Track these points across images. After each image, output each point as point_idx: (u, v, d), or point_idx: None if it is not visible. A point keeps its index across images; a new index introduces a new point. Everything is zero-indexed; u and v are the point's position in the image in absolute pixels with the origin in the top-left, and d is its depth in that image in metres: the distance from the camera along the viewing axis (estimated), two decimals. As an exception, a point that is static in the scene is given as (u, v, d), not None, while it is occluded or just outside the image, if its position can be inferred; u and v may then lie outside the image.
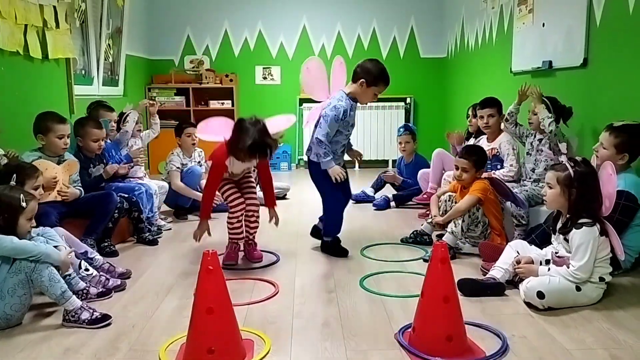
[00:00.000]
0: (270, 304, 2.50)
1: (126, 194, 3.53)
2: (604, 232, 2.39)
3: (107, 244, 3.28)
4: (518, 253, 2.62)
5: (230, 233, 3.14)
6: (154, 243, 3.52)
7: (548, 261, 2.53)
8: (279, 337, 2.15)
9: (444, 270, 1.97)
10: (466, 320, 2.07)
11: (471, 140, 4.27)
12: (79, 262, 2.60)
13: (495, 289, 2.54)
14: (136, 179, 3.94)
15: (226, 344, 1.92)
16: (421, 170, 4.63)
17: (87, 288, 2.50)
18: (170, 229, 3.94)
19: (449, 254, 2.03)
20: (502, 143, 3.82)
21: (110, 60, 5.39)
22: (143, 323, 2.29)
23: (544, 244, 2.72)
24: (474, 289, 2.54)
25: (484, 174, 3.41)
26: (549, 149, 3.37)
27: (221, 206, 3.61)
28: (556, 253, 2.51)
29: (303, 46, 7.07)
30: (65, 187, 3.14)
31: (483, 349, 2.00)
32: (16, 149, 3.00)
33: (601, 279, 2.41)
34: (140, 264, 3.12)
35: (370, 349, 2.04)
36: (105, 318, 2.26)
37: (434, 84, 7.13)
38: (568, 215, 2.46)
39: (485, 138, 4.01)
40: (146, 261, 3.18)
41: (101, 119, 3.62)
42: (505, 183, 3.29)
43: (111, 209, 3.30)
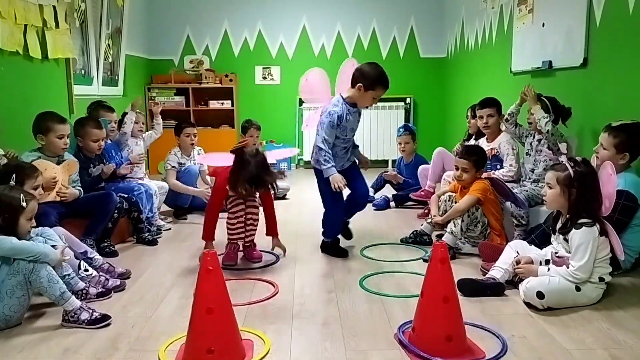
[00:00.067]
0: (270, 304, 2.50)
1: (126, 194, 3.53)
2: (603, 232, 2.39)
3: (107, 244, 3.29)
4: (518, 253, 2.62)
5: (230, 233, 3.14)
6: (153, 243, 3.52)
7: (548, 261, 2.53)
8: (279, 337, 2.15)
9: (444, 271, 1.97)
10: (466, 321, 2.07)
11: (471, 141, 4.27)
12: (78, 263, 2.60)
13: (495, 289, 2.55)
14: (136, 179, 3.95)
15: (226, 344, 1.92)
16: (422, 166, 4.62)
17: (87, 288, 2.50)
18: (169, 229, 3.94)
19: (448, 254, 2.03)
20: (502, 143, 3.82)
21: (110, 60, 5.39)
22: (143, 323, 2.29)
23: (543, 244, 2.72)
24: (473, 289, 2.54)
25: (484, 174, 3.41)
26: (548, 149, 3.38)
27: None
28: (556, 253, 2.51)
29: (303, 46, 7.07)
30: (64, 188, 3.13)
31: (483, 349, 2.00)
32: (16, 149, 3.00)
33: (601, 279, 2.41)
34: (140, 264, 3.12)
35: (370, 349, 2.04)
36: (105, 318, 2.26)
37: (434, 84, 7.13)
38: (568, 216, 2.46)
39: (484, 138, 4.01)
40: (146, 261, 3.18)
41: (101, 119, 3.62)
42: (505, 183, 3.29)
43: (111, 209, 3.30)
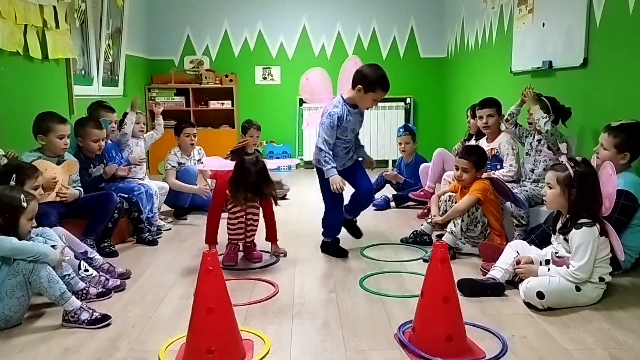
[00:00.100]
0: (270, 304, 2.50)
1: (126, 194, 3.53)
2: (603, 232, 2.39)
3: (107, 244, 3.29)
4: (518, 253, 2.62)
5: (230, 234, 3.14)
6: (153, 243, 3.52)
7: (548, 261, 2.53)
8: (279, 337, 2.15)
9: (444, 271, 1.97)
10: (466, 321, 2.07)
11: (471, 141, 4.27)
12: (78, 263, 2.60)
13: (495, 289, 2.54)
14: (136, 180, 3.95)
15: (226, 344, 1.92)
16: (423, 164, 4.59)
17: (87, 288, 2.50)
18: (170, 229, 3.94)
19: (448, 254, 2.03)
20: (502, 143, 3.82)
21: (110, 60, 5.39)
22: (143, 323, 2.29)
23: (543, 244, 2.72)
24: (473, 289, 2.54)
25: (484, 174, 3.41)
26: (548, 149, 3.38)
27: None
28: (556, 253, 2.51)
29: (303, 46, 7.07)
30: (64, 188, 3.13)
31: (483, 349, 2.00)
32: (16, 149, 3.00)
33: (601, 279, 2.41)
34: (140, 264, 3.12)
35: (370, 349, 2.04)
36: (105, 318, 2.26)
37: (434, 84, 7.13)
38: (568, 216, 2.46)
39: (484, 138, 4.01)
40: (146, 261, 3.18)
41: (101, 119, 3.62)
42: (505, 183, 3.29)
43: (111, 209, 3.30)
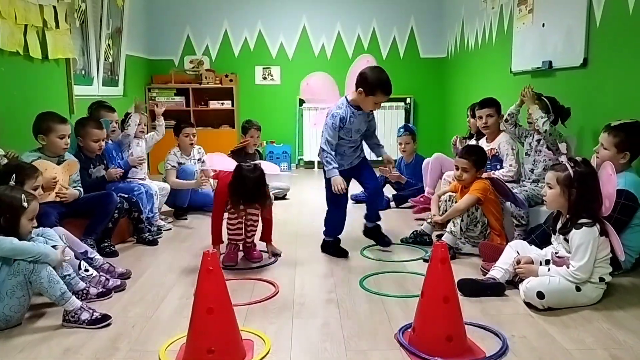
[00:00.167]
0: (270, 304, 2.50)
1: (126, 194, 3.53)
2: (604, 232, 2.39)
3: (107, 244, 3.29)
4: (518, 253, 2.62)
5: (230, 234, 3.14)
6: (153, 243, 3.52)
7: (548, 261, 2.53)
8: (279, 337, 2.15)
9: (444, 271, 1.97)
10: (466, 321, 2.07)
11: (472, 140, 4.27)
12: (78, 263, 2.60)
13: (495, 289, 2.55)
14: (137, 180, 3.94)
15: (226, 344, 1.92)
16: (426, 160, 4.54)
17: (87, 288, 2.50)
18: (170, 229, 3.94)
19: (448, 254, 2.03)
20: (501, 143, 3.82)
21: (110, 60, 5.39)
22: (143, 323, 2.29)
23: (544, 244, 2.72)
24: (474, 289, 2.54)
25: (484, 174, 3.41)
26: (548, 149, 3.38)
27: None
28: (556, 253, 2.51)
29: (303, 46, 7.07)
30: (64, 188, 3.13)
31: (483, 349, 2.00)
32: (16, 149, 3.00)
33: (601, 279, 2.41)
34: (140, 264, 3.12)
35: (370, 349, 2.04)
36: (105, 318, 2.26)
37: (434, 84, 7.13)
38: (568, 216, 2.46)
39: (484, 138, 4.01)
40: (146, 261, 3.18)
41: (102, 120, 3.62)
42: (505, 183, 3.29)
43: (111, 209, 3.30)
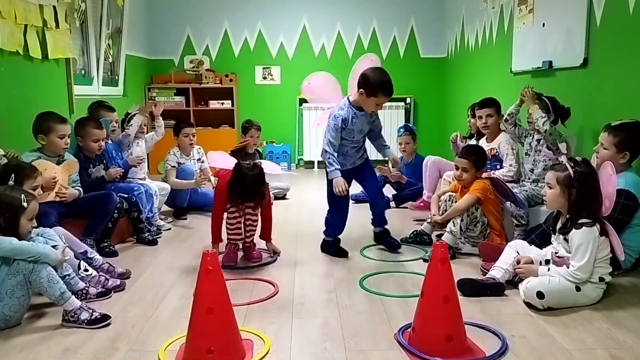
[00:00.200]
0: (270, 304, 2.50)
1: (126, 194, 3.53)
2: (603, 232, 2.39)
3: (107, 244, 3.29)
4: (518, 253, 2.62)
5: (229, 234, 3.14)
6: (153, 243, 3.52)
7: (548, 261, 2.53)
8: (279, 337, 2.15)
9: (444, 270, 1.97)
10: (466, 321, 2.07)
11: (472, 140, 4.26)
12: (78, 263, 2.60)
13: (495, 289, 2.54)
14: (136, 180, 3.94)
15: (226, 344, 1.92)
16: (427, 157, 4.51)
17: (87, 288, 2.50)
18: (169, 229, 3.94)
19: (448, 254, 2.03)
20: (501, 143, 3.82)
21: (110, 60, 5.39)
22: (143, 323, 2.29)
23: (543, 244, 2.72)
24: (473, 289, 2.54)
25: (484, 174, 3.41)
26: (548, 149, 3.37)
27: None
28: (556, 253, 2.50)
29: (303, 46, 7.07)
30: (64, 188, 3.13)
31: (483, 349, 2.00)
32: (16, 149, 3.00)
33: (601, 279, 2.41)
34: (140, 264, 3.12)
35: (370, 349, 2.04)
36: (105, 318, 2.26)
37: (434, 84, 7.13)
38: (568, 216, 2.46)
39: (484, 138, 4.01)
40: (146, 261, 3.18)
41: (102, 119, 3.62)
42: (505, 183, 3.29)
43: (111, 209, 3.30)
